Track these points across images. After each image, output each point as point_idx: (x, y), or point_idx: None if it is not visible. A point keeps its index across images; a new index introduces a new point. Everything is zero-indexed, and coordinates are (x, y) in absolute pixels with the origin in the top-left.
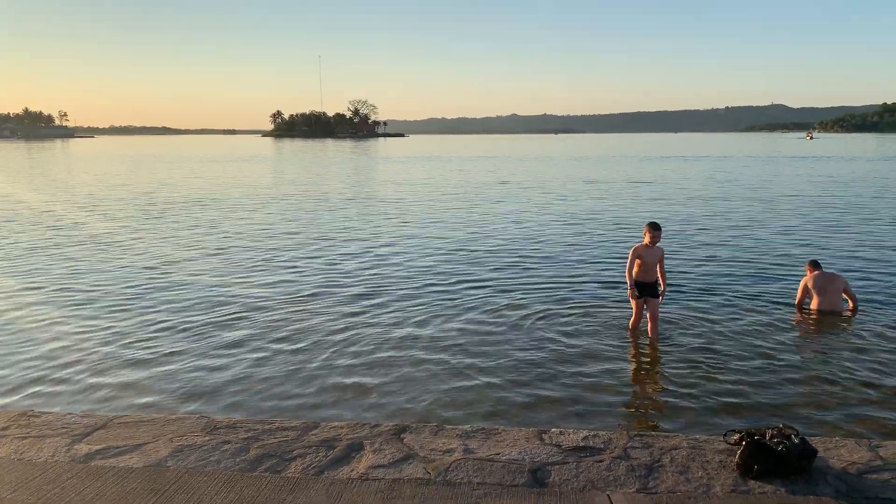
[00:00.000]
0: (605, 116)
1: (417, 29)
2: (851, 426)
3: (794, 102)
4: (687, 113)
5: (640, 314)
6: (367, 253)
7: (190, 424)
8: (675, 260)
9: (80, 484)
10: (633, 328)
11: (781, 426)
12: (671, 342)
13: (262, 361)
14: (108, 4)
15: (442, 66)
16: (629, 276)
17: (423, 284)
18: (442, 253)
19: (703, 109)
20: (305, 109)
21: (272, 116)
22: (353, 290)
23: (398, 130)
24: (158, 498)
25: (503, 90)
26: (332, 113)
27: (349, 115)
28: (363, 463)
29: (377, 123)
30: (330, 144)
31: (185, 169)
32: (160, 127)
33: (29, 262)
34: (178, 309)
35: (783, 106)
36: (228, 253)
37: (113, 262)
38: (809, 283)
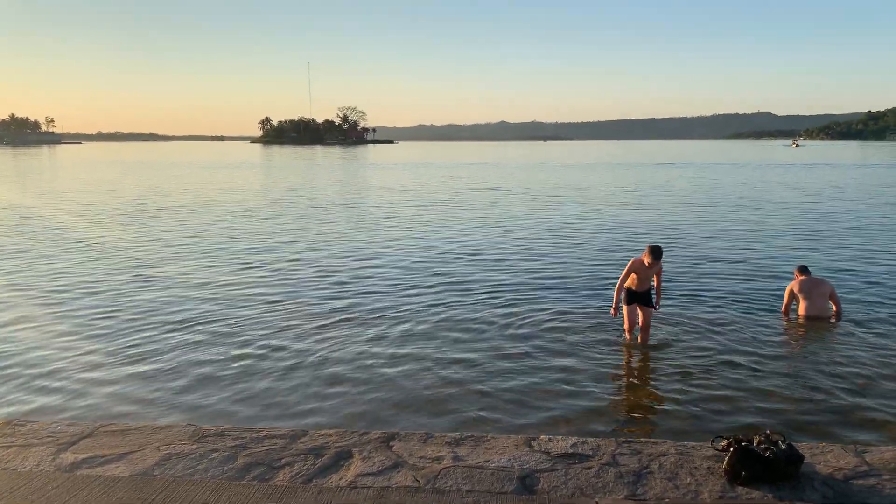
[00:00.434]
0: (593, 124)
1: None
2: (838, 432)
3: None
4: (674, 120)
5: (632, 320)
6: (352, 259)
7: (177, 433)
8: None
9: (65, 493)
10: (629, 330)
11: (769, 432)
12: (658, 349)
13: (249, 369)
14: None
15: (431, 73)
16: (618, 293)
17: (409, 291)
18: (429, 259)
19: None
20: (294, 116)
21: (261, 123)
22: (339, 296)
23: (387, 137)
24: None
25: (492, 97)
26: (321, 119)
27: (338, 121)
28: (352, 471)
29: (366, 130)
30: (319, 151)
31: (172, 175)
32: (148, 133)
33: (13, 267)
34: (164, 317)
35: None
36: (214, 260)
37: (98, 268)
38: (795, 288)
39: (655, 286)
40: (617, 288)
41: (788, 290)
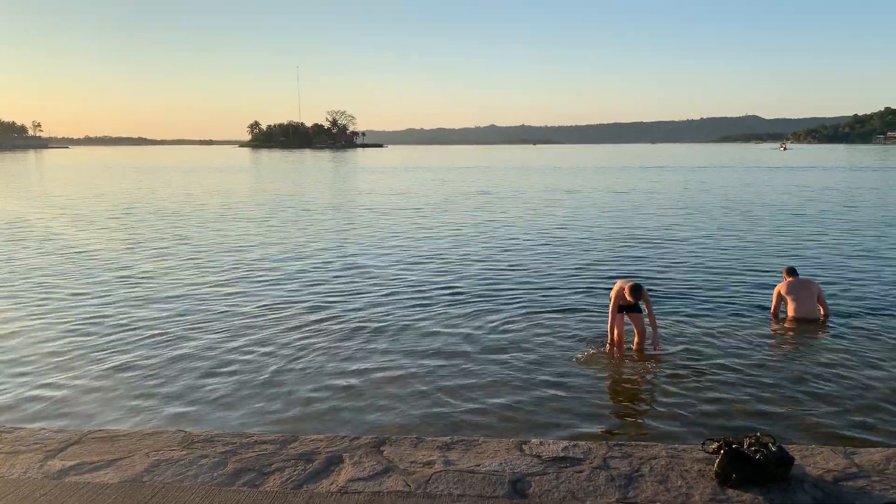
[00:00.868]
0: (582, 127)
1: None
2: (827, 433)
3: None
4: (663, 124)
5: (621, 331)
6: (339, 263)
7: (166, 438)
8: (651, 270)
9: (53, 501)
10: (618, 343)
11: (759, 434)
12: (649, 352)
13: (238, 374)
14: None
15: (420, 77)
16: (610, 331)
17: (397, 296)
18: (417, 263)
19: (678, 120)
20: (283, 120)
21: (249, 127)
22: (327, 301)
23: (377, 141)
24: None
25: (481, 101)
26: (310, 123)
27: (327, 125)
28: (342, 476)
29: (355, 134)
30: (308, 155)
31: (160, 179)
32: (136, 137)
33: (4, 272)
34: (152, 322)
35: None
36: (202, 264)
37: (84, 273)
38: (783, 290)
39: (647, 311)
40: (609, 325)
41: (776, 291)
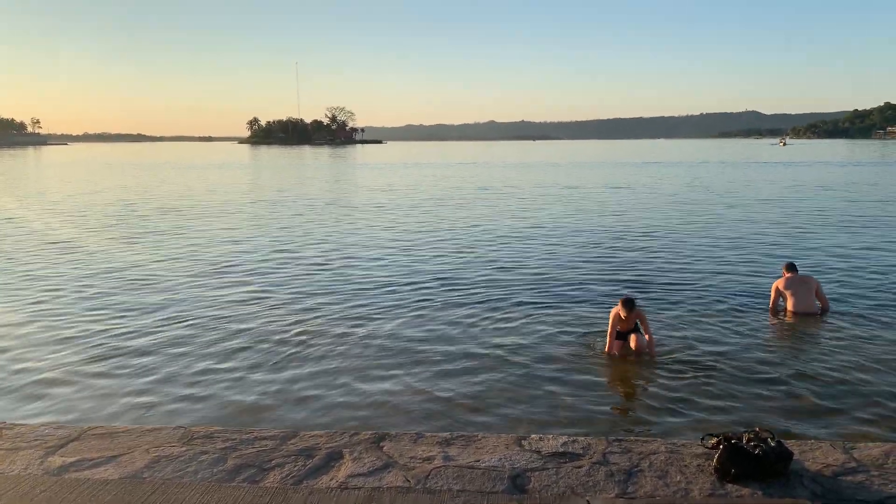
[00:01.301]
0: (581, 123)
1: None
2: (826, 428)
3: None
4: (662, 119)
5: (621, 350)
6: (339, 260)
7: (166, 435)
8: (649, 266)
9: (53, 497)
10: (616, 350)
11: (758, 429)
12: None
13: (238, 371)
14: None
15: (420, 74)
16: (609, 352)
17: (396, 291)
18: (415, 259)
19: (678, 116)
20: (282, 116)
21: (249, 123)
22: (326, 297)
23: (376, 137)
24: None
25: (481, 97)
26: (309, 120)
27: (327, 121)
28: (342, 471)
29: (355, 130)
30: (307, 151)
31: (159, 176)
32: (135, 134)
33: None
34: (151, 318)
35: (756, 112)
36: (202, 261)
37: (83, 271)
38: (781, 285)
39: (645, 335)
40: (607, 347)
41: (774, 287)
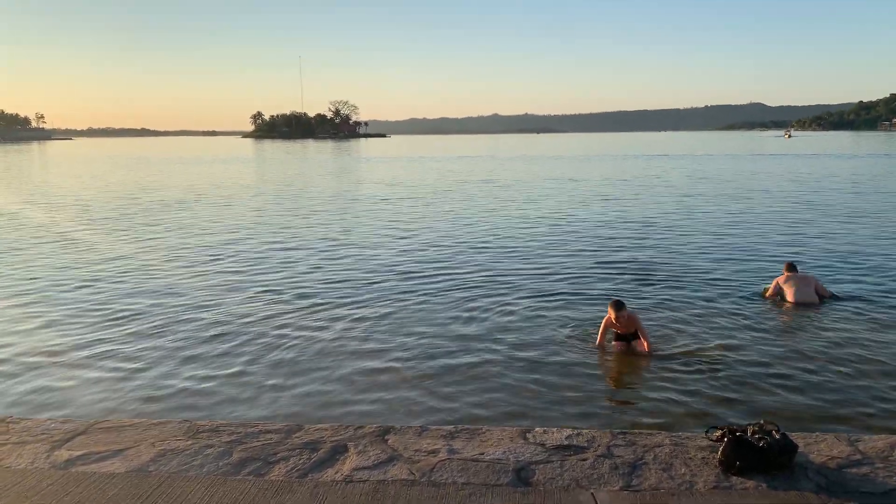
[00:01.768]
0: (585, 116)
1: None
2: (831, 421)
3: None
4: (666, 112)
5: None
6: (343, 254)
7: (172, 428)
8: (652, 258)
9: (60, 491)
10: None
11: (762, 422)
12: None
13: (243, 364)
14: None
15: (423, 67)
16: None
17: (401, 286)
18: (419, 251)
19: (682, 108)
20: (286, 110)
21: (252, 117)
22: (330, 289)
23: (379, 131)
24: (141, 503)
25: (484, 90)
26: (312, 113)
27: (330, 115)
28: (347, 465)
29: (358, 124)
30: (311, 145)
31: (164, 170)
32: (139, 129)
33: (4, 265)
34: (156, 313)
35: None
36: (207, 255)
37: (88, 265)
38: (781, 280)
39: (641, 336)
40: (597, 343)
41: (775, 283)
